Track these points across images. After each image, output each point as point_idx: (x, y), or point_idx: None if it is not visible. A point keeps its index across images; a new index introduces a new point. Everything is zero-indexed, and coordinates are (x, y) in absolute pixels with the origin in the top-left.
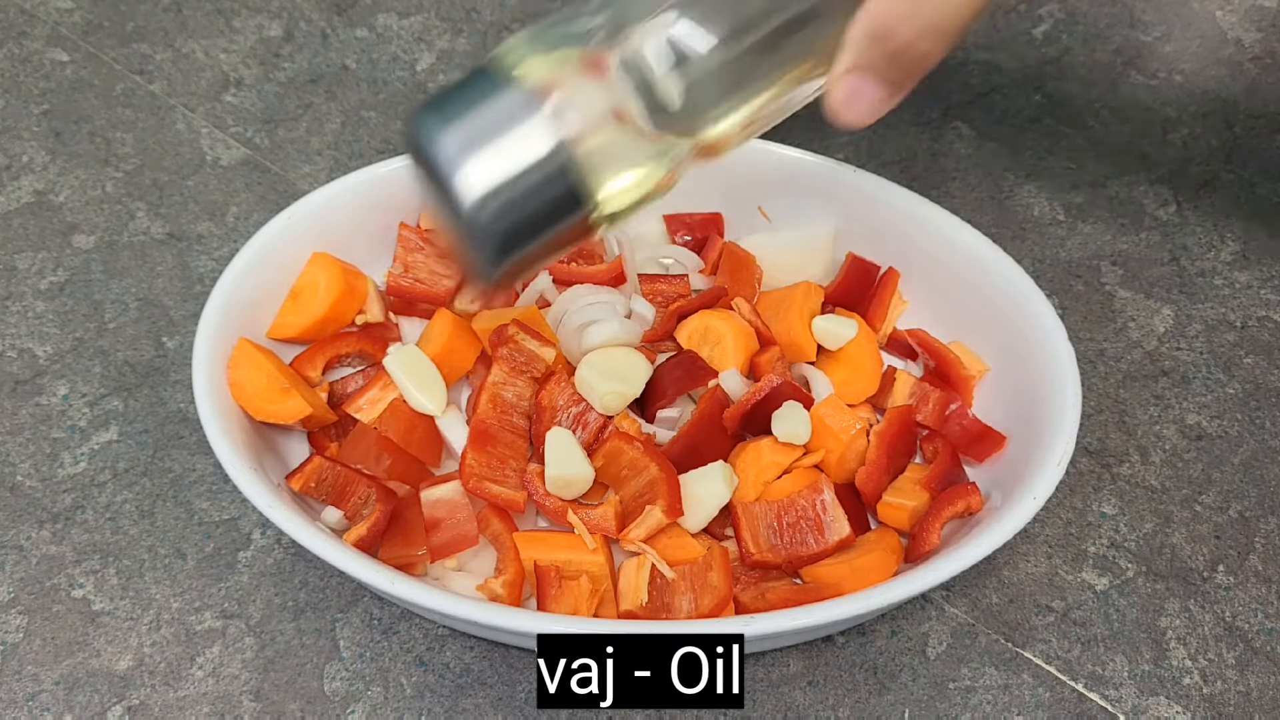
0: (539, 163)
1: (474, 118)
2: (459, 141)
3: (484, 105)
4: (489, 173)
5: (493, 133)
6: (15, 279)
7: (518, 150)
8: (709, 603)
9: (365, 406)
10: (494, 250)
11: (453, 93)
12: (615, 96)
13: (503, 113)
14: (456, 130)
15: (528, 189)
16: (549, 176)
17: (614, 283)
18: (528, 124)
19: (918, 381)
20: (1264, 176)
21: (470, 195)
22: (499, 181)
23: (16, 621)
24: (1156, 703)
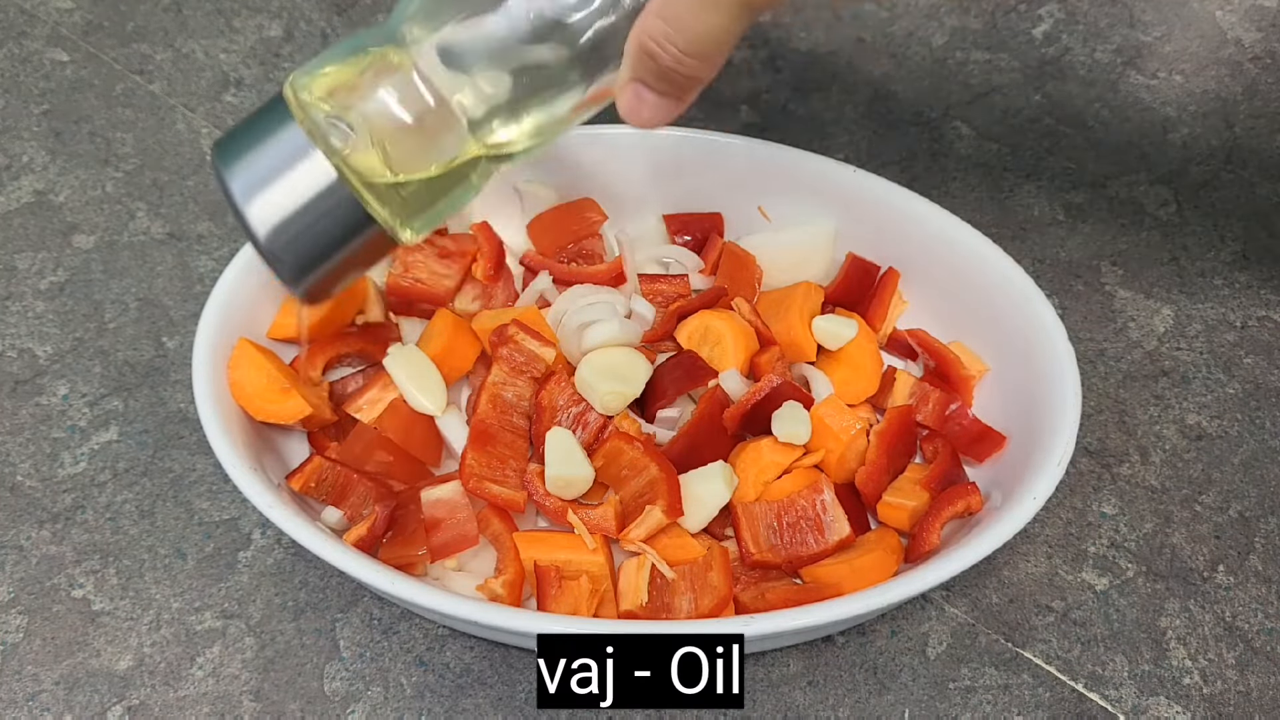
0: (320, 195)
1: (260, 155)
2: (247, 180)
3: (268, 141)
4: (275, 208)
5: (276, 169)
6: (15, 279)
7: (299, 184)
8: (709, 603)
9: (365, 406)
10: (292, 273)
11: (244, 129)
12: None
13: (284, 148)
14: (245, 169)
15: (314, 219)
16: (331, 206)
17: (614, 283)
18: (308, 159)
19: (918, 381)
20: (1264, 176)
21: (261, 229)
22: (285, 215)
23: (16, 621)
24: (1156, 703)
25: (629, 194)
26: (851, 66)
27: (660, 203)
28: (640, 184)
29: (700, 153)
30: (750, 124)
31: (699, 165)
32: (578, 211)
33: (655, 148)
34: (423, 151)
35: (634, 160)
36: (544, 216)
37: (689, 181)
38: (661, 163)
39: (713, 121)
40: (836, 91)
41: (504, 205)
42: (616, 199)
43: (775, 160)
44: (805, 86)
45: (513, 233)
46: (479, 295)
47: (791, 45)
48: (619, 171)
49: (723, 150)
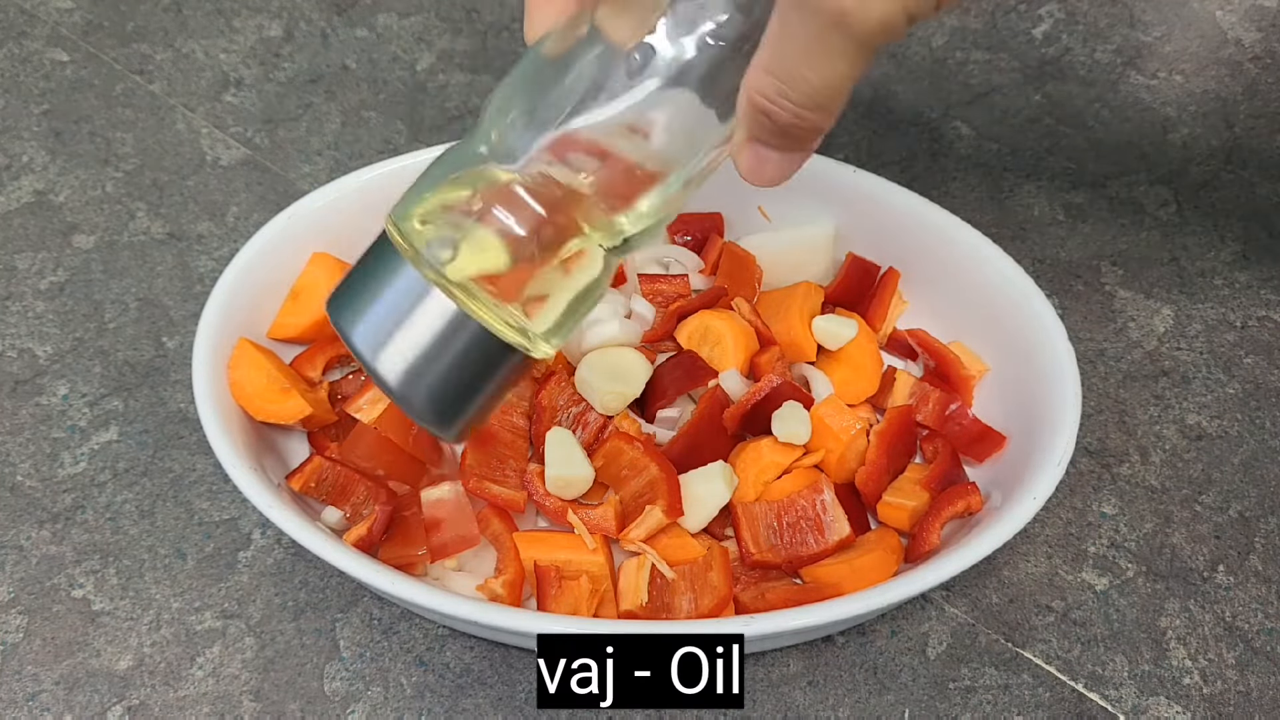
0: (445, 332)
1: (377, 303)
2: (370, 334)
3: (384, 287)
4: (404, 358)
5: (397, 316)
6: (15, 279)
7: (424, 329)
8: (709, 603)
9: (365, 406)
10: (436, 420)
11: (355, 277)
12: (508, 222)
13: (400, 290)
14: (366, 323)
15: (446, 362)
16: (461, 341)
17: (614, 283)
18: (426, 297)
19: (918, 381)
20: (1264, 176)
21: (395, 382)
22: (415, 363)
23: (16, 621)
24: (1156, 703)
25: None
26: None
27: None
28: None
29: None
30: None
31: None
32: None
33: None
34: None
35: None
36: None
37: None
38: None
39: None
40: None
41: None
42: None
43: None
44: None
45: None
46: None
47: None
48: None
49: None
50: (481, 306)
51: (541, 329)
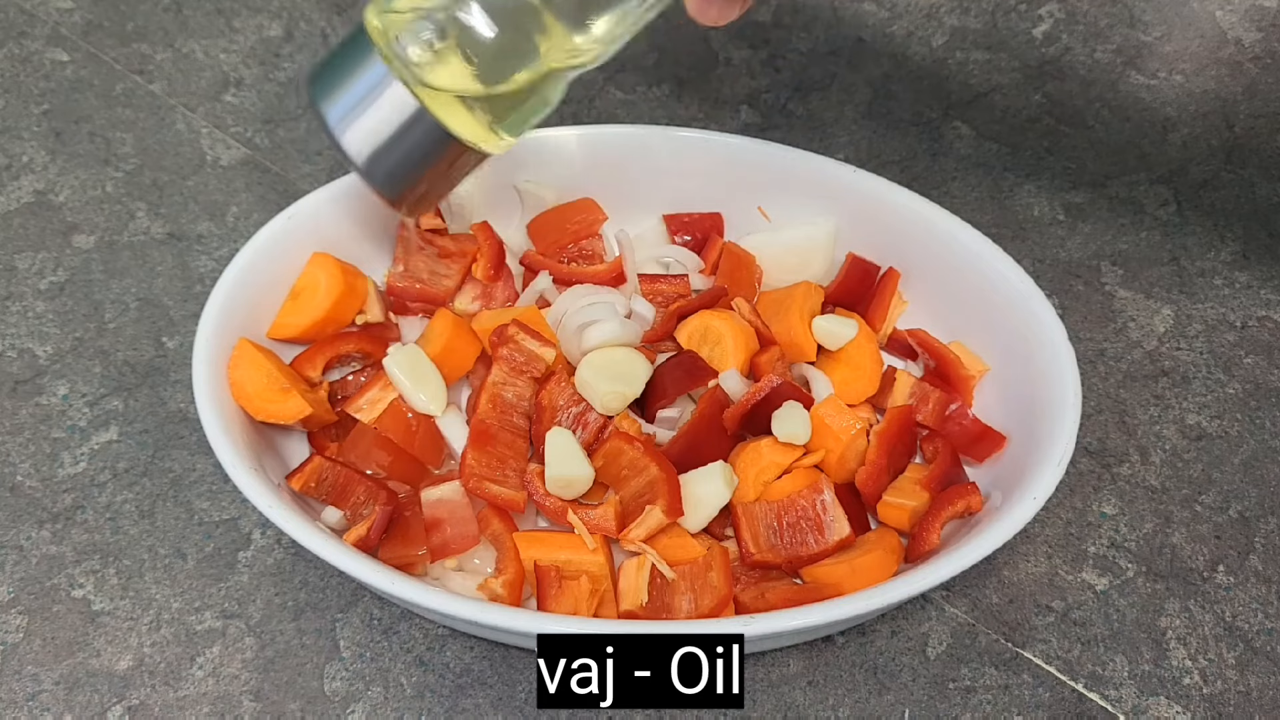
0: (405, 122)
1: (348, 87)
2: (339, 111)
3: (354, 73)
4: (367, 137)
5: (364, 101)
6: (15, 279)
7: (386, 113)
8: (709, 603)
9: (365, 406)
10: (391, 193)
11: (332, 61)
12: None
13: (369, 80)
14: (336, 101)
15: (404, 144)
16: (417, 132)
17: (614, 283)
18: (390, 90)
19: (918, 381)
20: (1264, 176)
21: (356, 155)
22: (378, 143)
23: (16, 621)
24: (1156, 703)
25: (629, 194)
26: (851, 66)
27: (660, 203)
28: (640, 184)
29: (700, 153)
30: (750, 124)
31: (699, 165)
32: (578, 211)
33: (655, 148)
34: (504, 62)
35: (634, 160)
36: (544, 216)
37: (689, 181)
38: (661, 163)
39: (713, 121)
40: (836, 91)
41: (504, 205)
42: (616, 199)
43: (775, 160)
44: (805, 86)
45: (513, 233)
46: (479, 295)
47: (791, 45)
48: (619, 171)
49: (723, 150)
50: (440, 103)
51: (489, 127)
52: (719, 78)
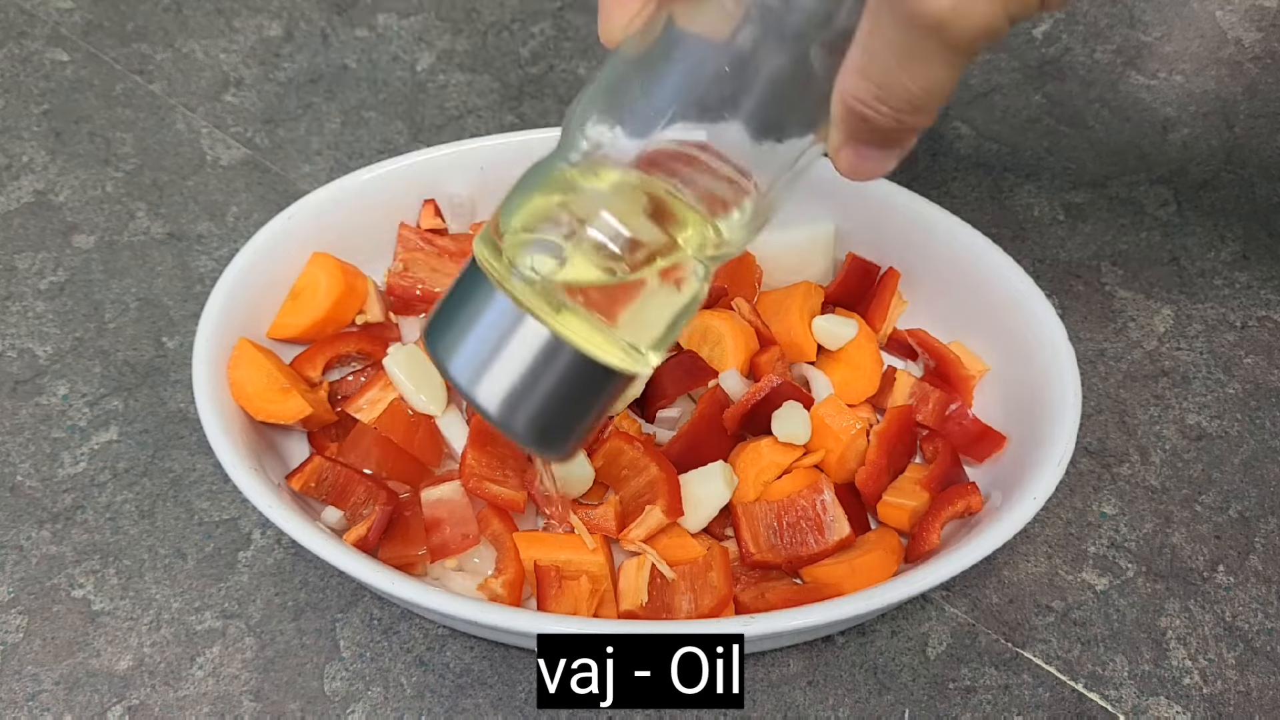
0: (542, 362)
1: (470, 332)
2: (468, 365)
3: (474, 315)
4: (502, 387)
5: (494, 346)
6: (15, 279)
7: (520, 357)
8: (709, 603)
9: (365, 406)
10: (540, 444)
11: (448, 306)
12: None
13: (496, 322)
14: (459, 352)
15: (545, 388)
16: (560, 370)
17: None
18: (522, 328)
19: (918, 381)
20: (1264, 176)
21: (495, 410)
22: (513, 391)
23: (16, 621)
24: (1156, 703)
25: None
26: None
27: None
28: None
29: None
30: None
31: None
32: None
33: None
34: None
35: None
36: None
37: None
38: None
39: None
40: None
41: None
42: None
43: None
44: None
45: None
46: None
47: None
48: None
49: None
50: (577, 328)
51: (643, 345)
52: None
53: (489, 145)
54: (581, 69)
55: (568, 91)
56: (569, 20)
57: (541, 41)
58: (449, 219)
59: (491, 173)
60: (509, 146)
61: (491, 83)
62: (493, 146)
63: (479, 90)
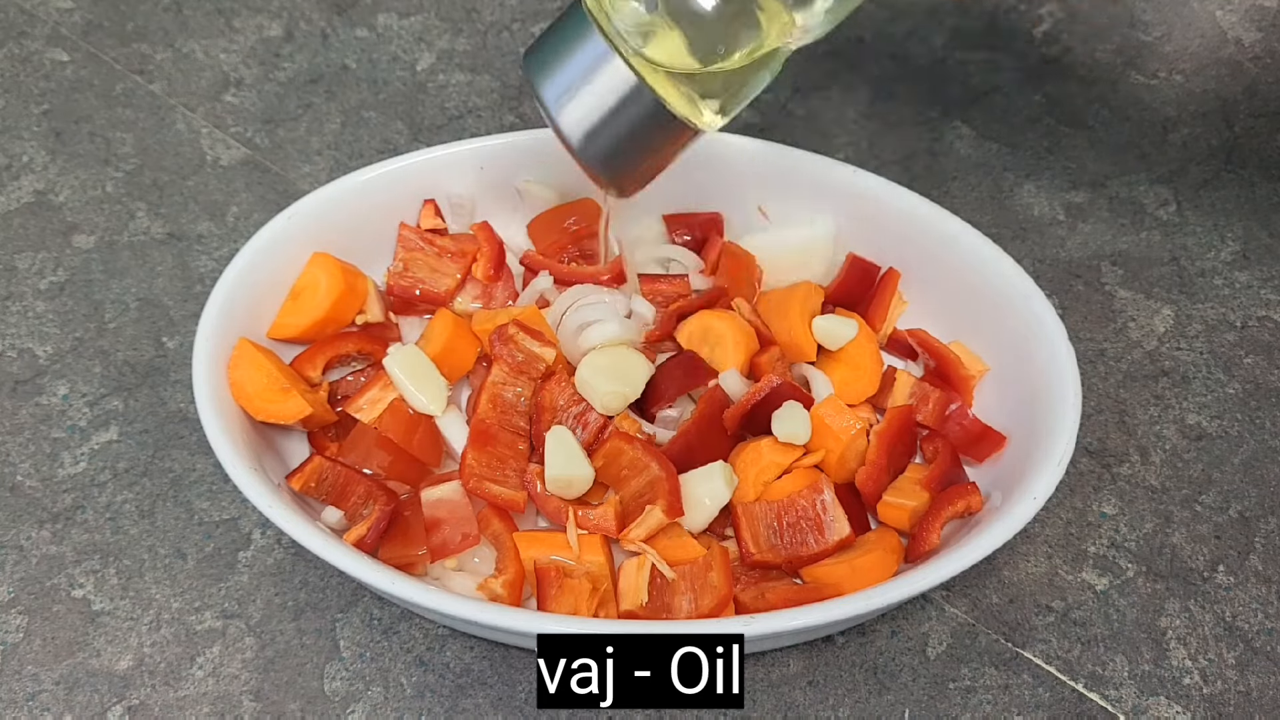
0: (623, 99)
1: (565, 64)
2: (556, 89)
3: (572, 49)
4: (583, 112)
5: (581, 78)
6: (15, 279)
7: (603, 90)
8: (709, 603)
9: (365, 406)
10: (607, 174)
11: (549, 39)
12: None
13: (586, 56)
14: (552, 79)
15: (619, 121)
16: (635, 108)
17: (614, 283)
18: (609, 65)
19: (918, 381)
20: (1264, 176)
21: (571, 133)
22: (593, 121)
23: (16, 621)
24: (1156, 703)
25: None
26: (851, 66)
27: (660, 203)
28: None
29: (700, 153)
30: (750, 124)
31: (699, 165)
32: (578, 211)
33: None
34: (721, 38)
35: None
36: (544, 216)
37: (689, 181)
38: None
39: None
40: (836, 91)
41: (504, 205)
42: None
43: (775, 160)
44: (805, 86)
45: (513, 233)
46: (479, 295)
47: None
48: None
49: (723, 150)
50: (659, 78)
51: (713, 105)
52: None
53: (489, 145)
54: None
55: None
56: None
57: None
58: (449, 219)
59: (491, 173)
60: (509, 146)
61: (491, 83)
62: (493, 146)
63: (479, 90)
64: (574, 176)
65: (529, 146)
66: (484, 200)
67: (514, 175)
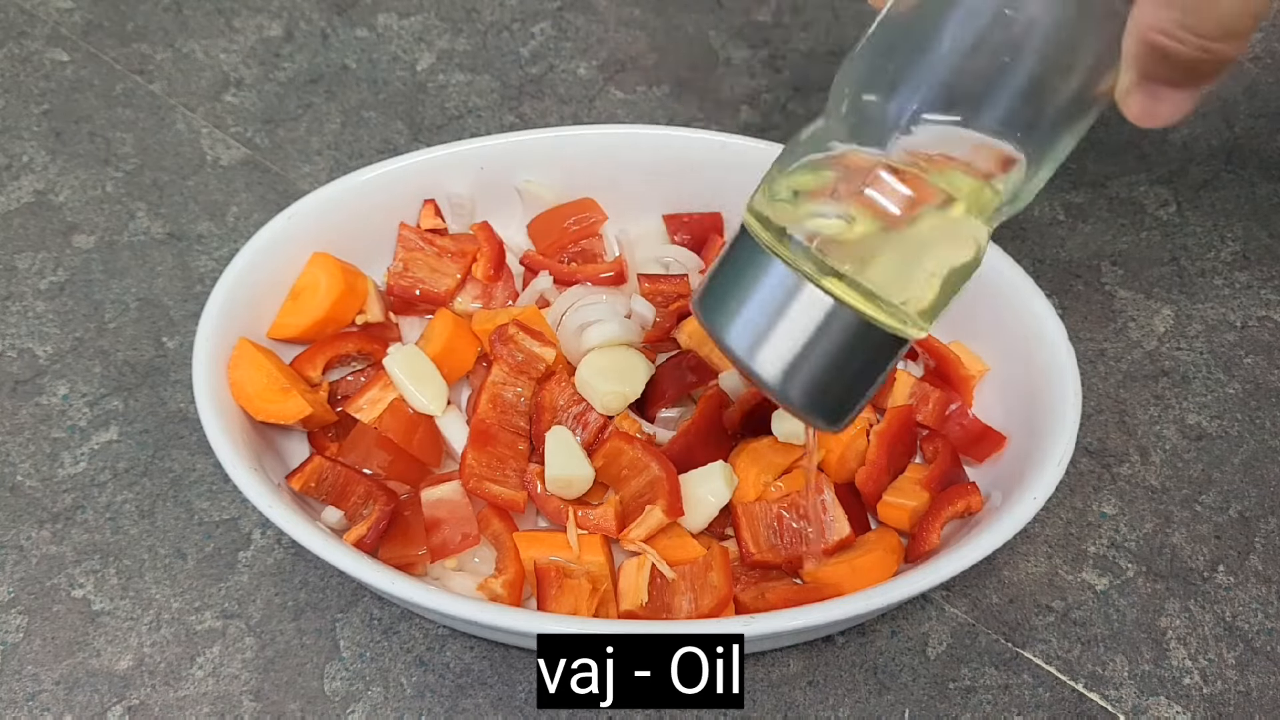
0: (821, 329)
1: (749, 303)
2: (744, 333)
3: (753, 286)
4: (780, 356)
5: (770, 313)
6: (15, 279)
7: (798, 324)
8: (709, 603)
9: (365, 406)
10: (820, 415)
11: (723, 277)
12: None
13: (773, 289)
14: (736, 321)
15: (823, 355)
16: (839, 336)
17: (614, 283)
18: (801, 294)
19: (918, 381)
20: (1264, 176)
21: (773, 379)
22: (792, 360)
23: (16, 621)
24: (1156, 703)
25: (629, 194)
26: None
27: (660, 203)
28: (640, 184)
29: (700, 153)
30: (750, 124)
31: (699, 165)
32: (578, 211)
33: (655, 148)
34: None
35: (634, 160)
36: (544, 216)
37: (689, 181)
38: (661, 163)
39: (713, 121)
40: None
41: (504, 205)
42: (616, 199)
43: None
44: (805, 86)
45: (513, 233)
46: (479, 295)
47: (791, 45)
48: (619, 171)
49: (723, 150)
50: (854, 294)
51: (917, 309)
52: (719, 78)
53: (489, 145)
54: (581, 69)
55: (567, 91)
56: (569, 20)
57: (541, 41)
58: (449, 219)
59: (491, 173)
60: (509, 146)
61: (491, 83)
62: (493, 146)
63: (479, 90)
64: (574, 176)
65: (529, 146)
66: (484, 200)
67: (514, 175)
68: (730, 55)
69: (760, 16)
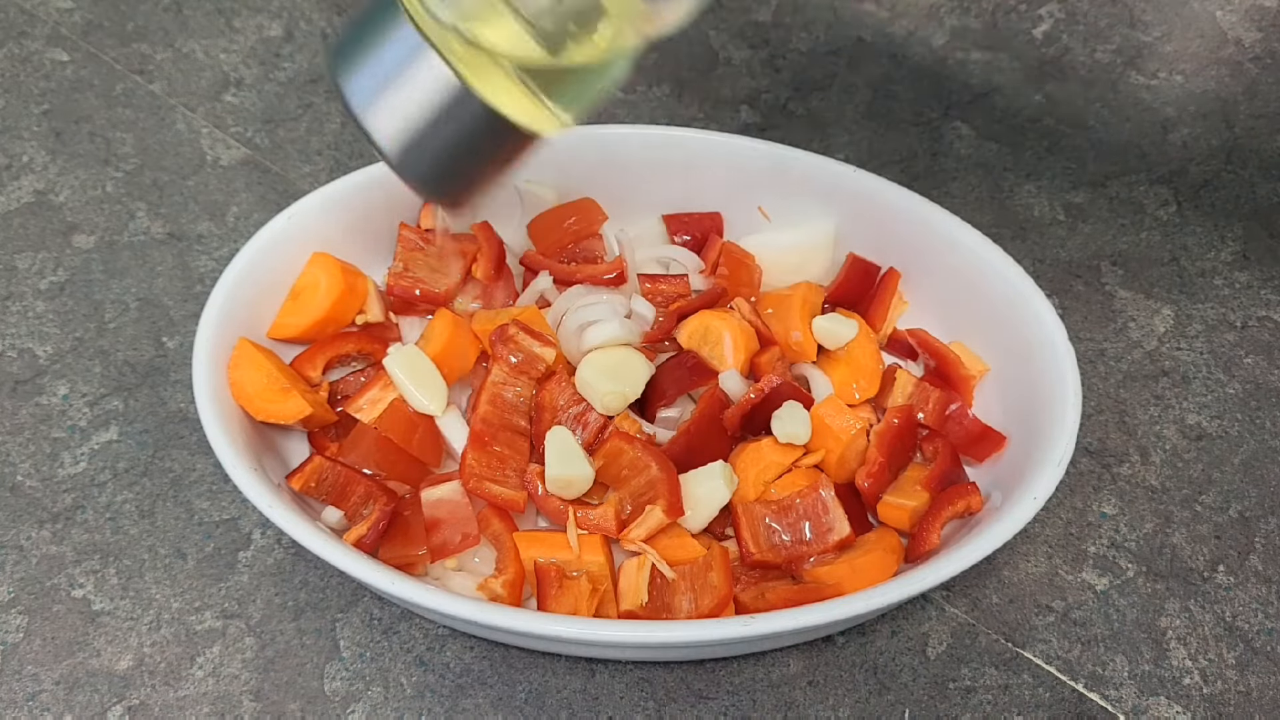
0: (444, 101)
1: (375, 62)
2: (364, 92)
3: (382, 45)
4: (397, 119)
5: (393, 77)
6: (15, 279)
7: (417, 89)
8: (709, 603)
9: (365, 406)
10: (425, 182)
11: (356, 31)
12: None
13: (399, 51)
14: (360, 79)
15: (440, 127)
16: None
17: (614, 283)
18: (424, 62)
19: (918, 381)
20: (1264, 176)
21: (386, 144)
22: (411, 127)
23: (16, 621)
24: (1156, 703)
25: (629, 194)
26: (851, 66)
27: (660, 203)
28: (640, 184)
29: (700, 153)
30: (750, 124)
31: (699, 165)
32: (578, 211)
33: (655, 147)
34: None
35: (634, 160)
36: (544, 216)
37: (689, 181)
38: (661, 163)
39: (713, 121)
40: (836, 91)
41: (504, 205)
42: (616, 199)
43: (775, 160)
44: (805, 86)
45: (513, 233)
46: (479, 295)
47: (791, 45)
48: (619, 171)
49: (723, 150)
50: (484, 77)
51: (552, 103)
52: (719, 78)
53: None
54: None
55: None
56: None
57: None
58: (449, 219)
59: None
60: None
61: None
62: None
63: None
64: (574, 176)
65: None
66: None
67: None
68: (730, 55)
69: (760, 16)
